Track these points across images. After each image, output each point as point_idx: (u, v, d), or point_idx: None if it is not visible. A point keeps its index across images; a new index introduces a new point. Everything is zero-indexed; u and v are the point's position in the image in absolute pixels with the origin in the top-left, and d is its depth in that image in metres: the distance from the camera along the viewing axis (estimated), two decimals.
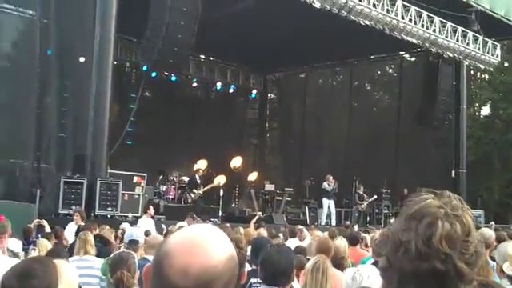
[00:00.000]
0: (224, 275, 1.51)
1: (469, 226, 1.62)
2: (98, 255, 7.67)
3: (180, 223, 13.50)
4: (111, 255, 6.22)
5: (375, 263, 5.88)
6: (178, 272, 1.47)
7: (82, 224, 11.51)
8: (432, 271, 1.57)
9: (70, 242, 10.03)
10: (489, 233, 7.81)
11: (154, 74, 25.78)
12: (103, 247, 8.71)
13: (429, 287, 1.58)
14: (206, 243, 1.52)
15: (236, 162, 27.85)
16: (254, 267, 4.99)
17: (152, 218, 15.80)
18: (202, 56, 29.72)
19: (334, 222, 23.08)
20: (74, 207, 14.93)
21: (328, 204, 23.69)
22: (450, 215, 1.61)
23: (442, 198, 1.65)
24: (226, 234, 2.66)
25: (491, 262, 5.50)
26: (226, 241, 1.57)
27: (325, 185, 23.68)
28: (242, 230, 12.19)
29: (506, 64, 35.64)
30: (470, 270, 1.59)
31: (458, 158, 26.88)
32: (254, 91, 33.13)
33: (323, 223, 22.44)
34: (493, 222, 21.93)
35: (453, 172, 26.61)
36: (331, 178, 23.71)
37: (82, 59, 18.94)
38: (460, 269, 1.57)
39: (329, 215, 23.69)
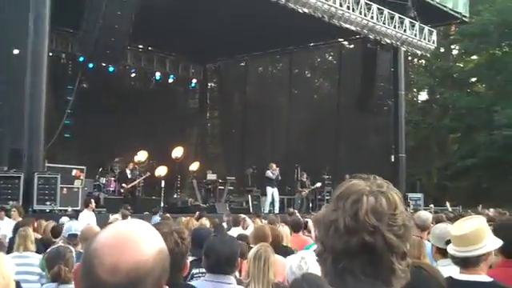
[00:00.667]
0: (155, 269, 1.50)
1: (395, 201, 1.66)
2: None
3: (115, 216, 13.37)
4: (48, 250, 6.11)
5: None
6: (107, 270, 1.45)
7: (20, 220, 11.25)
8: (362, 244, 1.60)
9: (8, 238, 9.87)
10: (426, 215, 7.90)
11: (90, 65, 25.35)
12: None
13: (360, 261, 1.61)
14: (135, 238, 1.51)
15: (177, 152, 27.25)
16: (194, 258, 5.02)
17: (93, 211, 15.59)
18: (141, 46, 29.42)
19: (277, 210, 23.13)
20: (10, 202, 14.63)
21: (272, 192, 23.68)
22: (374, 191, 1.65)
23: (368, 180, 1.70)
24: (161, 227, 2.75)
25: (428, 244, 5.57)
26: (154, 234, 1.56)
27: (268, 173, 23.63)
28: (183, 219, 12.05)
29: (442, 50, 36.50)
30: (400, 241, 1.62)
31: (397, 142, 27.25)
32: (194, 81, 32.94)
33: (266, 211, 22.43)
34: (432, 205, 22.42)
35: (392, 157, 26.98)
36: (274, 166, 23.71)
37: (16, 51, 18.52)
38: (389, 240, 1.60)
39: (272, 203, 23.70)
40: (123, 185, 21.98)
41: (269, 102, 31.62)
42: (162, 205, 22.24)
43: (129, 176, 22.22)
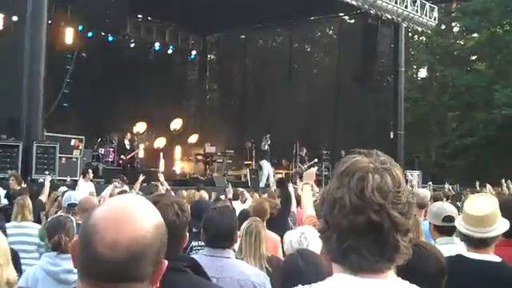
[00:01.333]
0: (154, 244, 1.52)
1: (398, 178, 1.67)
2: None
3: (109, 187, 13.47)
4: (48, 219, 6.08)
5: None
6: (108, 245, 1.47)
7: (18, 188, 11.23)
8: (368, 223, 1.61)
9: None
10: (424, 193, 7.90)
11: (90, 34, 25.33)
12: None
13: (366, 240, 1.62)
14: (133, 213, 1.52)
15: (176, 124, 27.66)
16: (194, 230, 4.99)
17: (91, 181, 15.48)
18: (140, 16, 29.26)
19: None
20: (9, 171, 14.56)
21: (268, 166, 23.62)
22: (379, 168, 1.66)
23: (371, 156, 1.70)
24: (161, 198, 2.74)
25: (425, 223, 5.54)
26: (152, 209, 1.58)
27: (265, 146, 23.68)
28: (184, 193, 11.91)
29: (443, 27, 36.23)
30: (405, 219, 1.64)
31: (396, 119, 27.35)
32: (194, 52, 32.84)
33: (262, 185, 22.26)
34: (430, 183, 22.47)
35: (391, 133, 27.12)
36: (268, 136, 23.83)
37: (14, 18, 18.40)
38: (394, 218, 1.62)
39: (268, 177, 23.36)
40: (122, 156, 22.00)
41: (268, 76, 31.53)
42: (161, 178, 22.32)
43: (127, 147, 22.24)
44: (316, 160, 25.85)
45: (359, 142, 20.79)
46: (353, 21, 31.73)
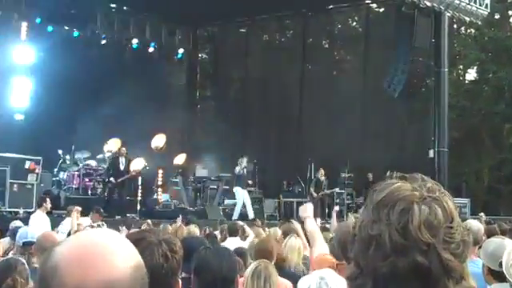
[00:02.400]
0: None
1: (451, 211, 1.67)
2: None
3: (81, 220, 13.50)
4: None
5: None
6: None
7: None
8: (413, 267, 1.59)
9: None
10: (477, 226, 7.88)
11: (50, 29, 25.32)
12: None
13: None
14: (103, 252, 1.50)
15: (158, 140, 27.62)
16: (184, 275, 4.87)
17: (50, 213, 15.61)
18: (113, 5, 29.31)
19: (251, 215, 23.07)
20: None
21: (243, 193, 23.70)
22: (426, 198, 1.65)
23: (415, 181, 1.70)
24: (146, 235, 2.71)
25: (477, 263, 5.55)
26: (128, 246, 1.56)
27: (239, 170, 23.75)
28: (169, 228, 12.34)
29: (497, 16, 36.19)
30: (458, 262, 1.64)
31: (437, 133, 26.80)
32: (181, 50, 32.71)
33: (236, 217, 22.39)
34: (482, 214, 22.32)
35: (431, 151, 26.70)
36: (245, 159, 23.95)
37: None
38: (446, 261, 1.61)
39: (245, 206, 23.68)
40: (111, 179, 22.08)
41: (276, 80, 31.25)
42: (138, 207, 22.66)
43: (121, 166, 22.48)
44: (337, 189, 25.98)
45: (390, 163, 21.30)
46: (382, 9, 31.91)
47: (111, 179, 22.07)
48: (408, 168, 1.84)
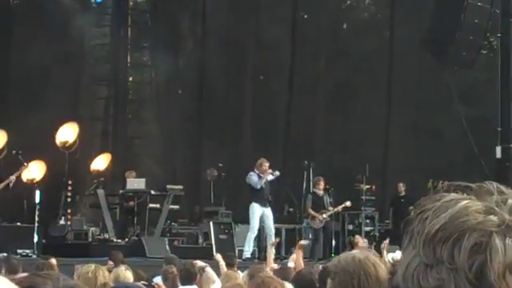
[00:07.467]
0: None
1: None
2: None
3: None
4: None
5: None
6: None
7: None
8: None
9: None
10: None
11: None
12: None
13: None
14: None
15: (66, 134, 24.34)
16: None
17: None
18: None
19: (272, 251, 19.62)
20: None
21: (261, 214, 20.61)
22: (510, 225, 1.35)
23: (488, 195, 1.37)
24: (39, 281, 2.73)
25: None
26: None
27: (252, 177, 20.73)
28: (82, 270, 8.82)
29: None
30: None
31: (506, 124, 22.53)
32: None
33: (248, 255, 20.20)
34: None
35: (498, 149, 22.69)
36: (266, 162, 20.82)
37: None
38: None
39: (258, 237, 21.48)
40: None
41: (252, 38, 28.12)
42: (35, 239, 20.14)
43: None
44: (348, 203, 22.55)
45: (433, 166, 21.54)
46: None
47: None
48: (462, 173, 0.73)
